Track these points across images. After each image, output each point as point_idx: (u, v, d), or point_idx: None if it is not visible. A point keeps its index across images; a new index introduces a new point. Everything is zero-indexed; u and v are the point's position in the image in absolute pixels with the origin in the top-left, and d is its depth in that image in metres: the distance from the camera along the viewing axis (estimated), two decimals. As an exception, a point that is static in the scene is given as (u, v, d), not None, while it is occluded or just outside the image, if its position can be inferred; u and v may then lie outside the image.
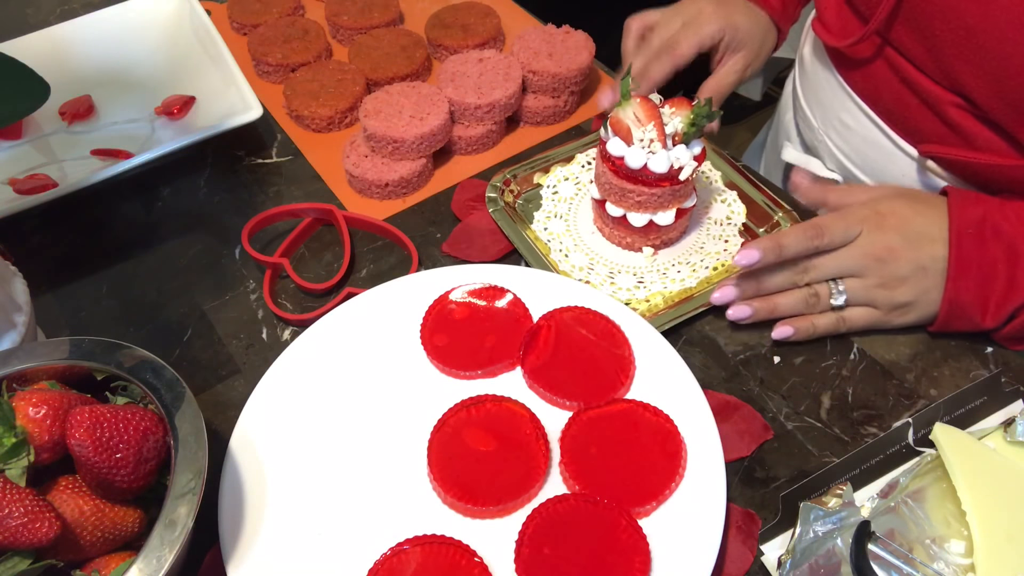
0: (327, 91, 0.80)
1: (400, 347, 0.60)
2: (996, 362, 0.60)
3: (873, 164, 0.74)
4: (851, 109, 0.74)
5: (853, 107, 0.73)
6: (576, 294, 0.62)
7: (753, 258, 0.58)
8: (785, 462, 0.56)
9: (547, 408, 0.57)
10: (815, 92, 0.79)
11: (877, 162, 0.73)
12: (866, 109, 0.72)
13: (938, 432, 0.52)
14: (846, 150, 0.76)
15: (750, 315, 0.61)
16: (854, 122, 0.74)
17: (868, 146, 0.73)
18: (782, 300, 0.61)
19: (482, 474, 0.53)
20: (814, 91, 0.79)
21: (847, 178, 0.78)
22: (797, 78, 0.84)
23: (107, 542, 0.46)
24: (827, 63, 0.76)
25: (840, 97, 0.75)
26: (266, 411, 0.56)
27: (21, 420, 0.45)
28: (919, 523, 0.50)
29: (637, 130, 0.61)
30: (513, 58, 0.79)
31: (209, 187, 0.76)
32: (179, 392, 0.48)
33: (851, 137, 0.75)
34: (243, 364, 0.62)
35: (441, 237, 0.70)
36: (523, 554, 0.49)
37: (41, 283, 0.67)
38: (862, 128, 0.73)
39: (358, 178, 0.73)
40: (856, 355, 0.61)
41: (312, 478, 0.54)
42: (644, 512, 0.51)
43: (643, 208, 0.64)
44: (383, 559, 0.49)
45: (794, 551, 0.48)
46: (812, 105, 0.80)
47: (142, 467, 0.45)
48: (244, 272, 0.68)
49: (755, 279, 0.61)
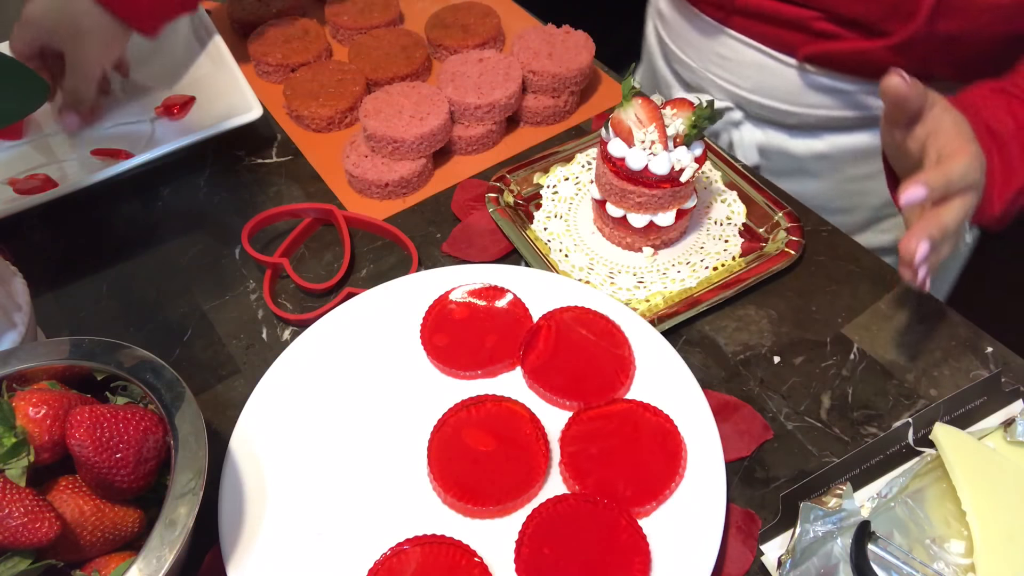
0: (327, 91, 0.80)
1: (400, 347, 0.60)
2: (996, 362, 0.60)
3: (759, 83, 0.79)
4: (726, 42, 0.78)
5: (728, 40, 0.78)
6: (576, 294, 0.62)
7: (919, 194, 0.51)
8: (785, 462, 0.56)
9: (547, 408, 0.57)
10: (685, 37, 0.83)
11: (763, 80, 0.78)
12: (741, 38, 0.76)
13: (938, 432, 0.52)
14: (730, 78, 0.81)
15: (923, 195, 0.51)
16: (732, 53, 0.79)
17: (751, 69, 0.78)
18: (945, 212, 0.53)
19: (482, 474, 0.53)
20: (684, 37, 0.83)
21: (737, 103, 0.82)
22: (661, 30, 0.88)
23: (107, 542, 0.46)
24: (690, 10, 0.80)
25: (713, 34, 0.79)
26: (266, 411, 0.56)
27: (21, 420, 0.45)
28: (919, 523, 0.50)
29: (638, 131, 0.61)
30: (513, 58, 0.79)
31: (209, 187, 0.76)
32: (179, 392, 0.48)
33: (732, 66, 0.79)
34: (243, 364, 0.62)
35: (441, 237, 0.70)
36: (523, 554, 0.49)
37: (41, 283, 0.67)
38: (740, 55, 0.78)
39: (358, 178, 0.73)
40: (856, 355, 0.61)
41: (312, 478, 0.54)
42: (644, 512, 0.51)
43: (643, 209, 0.64)
44: (383, 559, 0.49)
45: (794, 551, 0.48)
46: (686, 49, 0.84)
47: (142, 467, 0.45)
48: (244, 272, 0.68)
49: None
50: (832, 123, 0.78)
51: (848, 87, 0.74)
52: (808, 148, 0.81)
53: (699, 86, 0.85)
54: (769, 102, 0.79)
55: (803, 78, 0.75)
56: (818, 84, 0.75)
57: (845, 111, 0.76)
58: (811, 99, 0.77)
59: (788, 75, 0.76)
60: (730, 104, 0.83)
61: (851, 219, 0.84)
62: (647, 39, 0.94)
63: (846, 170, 0.81)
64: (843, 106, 0.76)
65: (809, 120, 0.79)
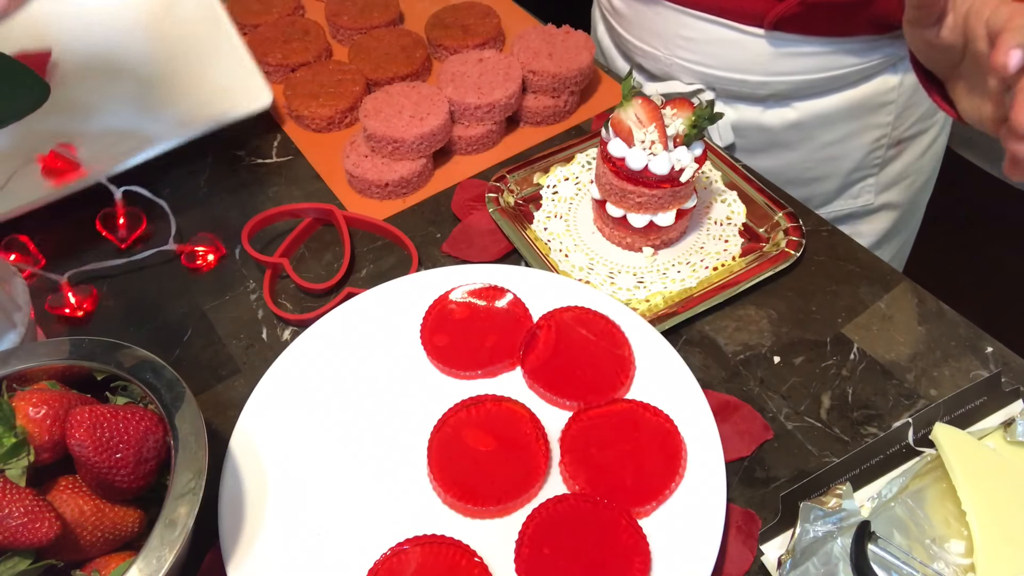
0: (327, 91, 0.80)
1: (400, 347, 0.60)
2: (996, 362, 0.60)
3: (728, 58, 0.79)
4: (691, 24, 0.78)
5: (693, 20, 0.78)
6: (576, 294, 0.62)
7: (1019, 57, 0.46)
8: (785, 462, 0.56)
9: (547, 408, 0.57)
10: (647, 27, 0.83)
11: (731, 55, 0.78)
12: (707, 17, 0.77)
13: (938, 432, 0.52)
14: (698, 59, 0.80)
15: None
16: (698, 33, 0.78)
17: (718, 46, 0.78)
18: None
19: (482, 474, 0.53)
20: (645, 27, 0.83)
21: (707, 83, 0.82)
22: (617, 26, 0.87)
23: (107, 542, 0.46)
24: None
25: (674, 18, 0.79)
26: (266, 411, 0.56)
27: (21, 420, 0.45)
28: (919, 523, 0.50)
29: (638, 131, 0.61)
30: (513, 58, 0.79)
31: (209, 187, 0.76)
32: (179, 392, 0.48)
33: (699, 46, 0.79)
34: (243, 364, 0.62)
35: (441, 237, 0.70)
36: (523, 554, 0.49)
37: (41, 283, 0.67)
38: (707, 34, 0.78)
39: (358, 178, 0.73)
40: (856, 355, 0.61)
41: (312, 478, 0.54)
42: (644, 512, 0.51)
43: (643, 209, 0.64)
44: (383, 559, 0.49)
45: (794, 551, 0.48)
46: (648, 39, 0.83)
47: (142, 467, 0.45)
48: (244, 272, 0.68)
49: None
50: (802, 89, 0.79)
51: (817, 48, 0.75)
52: (780, 118, 0.83)
53: (666, 74, 0.85)
54: (739, 75, 0.80)
55: (772, 45, 0.76)
56: (787, 51, 0.76)
57: (814, 74, 0.77)
58: (781, 66, 0.77)
59: (757, 46, 0.77)
60: (701, 86, 0.83)
61: (823, 188, 0.87)
62: (599, 41, 0.94)
63: (818, 136, 0.84)
64: (812, 69, 0.77)
65: (780, 88, 0.79)
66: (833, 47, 0.75)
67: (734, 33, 0.77)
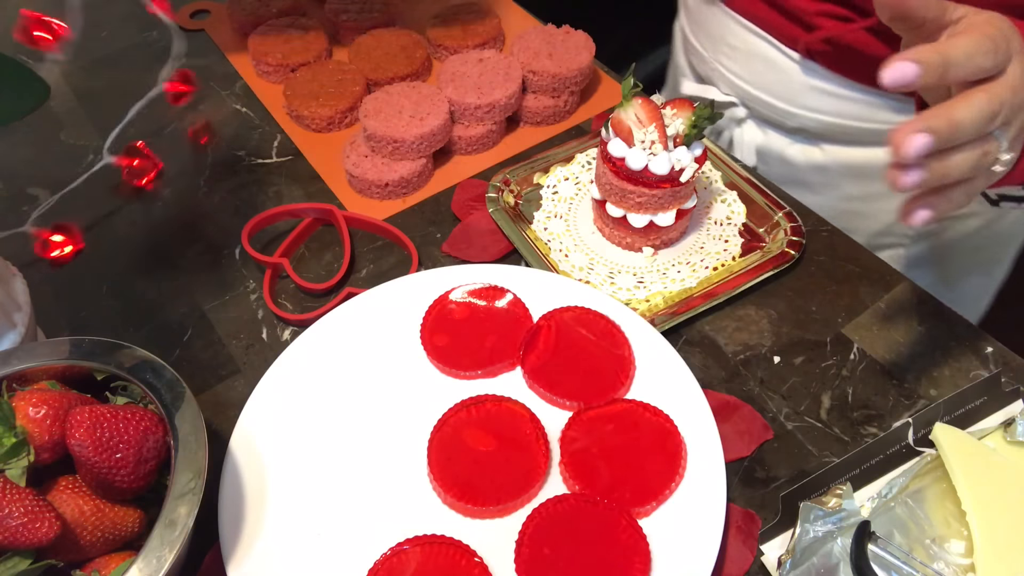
0: (327, 91, 0.80)
1: (400, 347, 0.60)
2: (996, 362, 0.60)
3: (763, 76, 0.80)
4: (734, 30, 0.80)
5: (736, 27, 0.80)
6: (576, 294, 0.62)
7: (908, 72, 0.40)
8: (785, 462, 0.56)
9: (547, 408, 0.57)
10: (702, 26, 0.85)
11: (766, 74, 0.79)
12: (747, 24, 0.78)
13: (938, 432, 0.52)
14: (736, 70, 0.82)
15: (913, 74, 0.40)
16: (739, 42, 0.80)
17: (756, 61, 0.80)
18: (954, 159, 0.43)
19: (482, 474, 0.53)
20: (701, 25, 0.85)
21: (742, 98, 0.84)
22: (684, 19, 0.90)
23: (107, 542, 0.46)
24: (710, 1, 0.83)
25: (724, 23, 0.81)
26: (266, 411, 0.56)
27: (21, 420, 0.45)
28: (919, 523, 0.50)
29: (638, 131, 0.61)
30: (513, 58, 0.79)
31: (209, 187, 0.76)
32: (179, 392, 0.48)
33: (739, 56, 0.81)
34: (243, 364, 0.62)
35: (441, 237, 0.70)
36: (523, 554, 0.49)
37: (41, 283, 0.67)
38: (747, 44, 0.80)
39: (358, 178, 0.73)
40: (856, 355, 0.61)
41: (312, 478, 0.54)
42: (644, 512, 0.51)
43: (643, 209, 0.64)
44: (383, 559, 0.49)
45: (794, 551, 0.48)
46: (701, 39, 0.86)
47: (142, 467, 0.45)
48: (244, 272, 0.68)
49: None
50: (833, 132, 0.78)
51: (849, 92, 0.74)
52: (806, 157, 0.81)
53: (708, 78, 0.86)
54: (771, 99, 0.80)
55: (806, 74, 0.76)
56: (820, 85, 0.75)
57: (846, 120, 0.76)
58: (813, 101, 0.77)
59: (791, 70, 0.77)
60: (735, 100, 0.84)
61: None
62: (674, 31, 0.96)
63: (844, 187, 0.81)
64: (844, 115, 0.76)
65: (809, 124, 0.79)
66: (866, 96, 0.73)
67: (772, 51, 0.77)
